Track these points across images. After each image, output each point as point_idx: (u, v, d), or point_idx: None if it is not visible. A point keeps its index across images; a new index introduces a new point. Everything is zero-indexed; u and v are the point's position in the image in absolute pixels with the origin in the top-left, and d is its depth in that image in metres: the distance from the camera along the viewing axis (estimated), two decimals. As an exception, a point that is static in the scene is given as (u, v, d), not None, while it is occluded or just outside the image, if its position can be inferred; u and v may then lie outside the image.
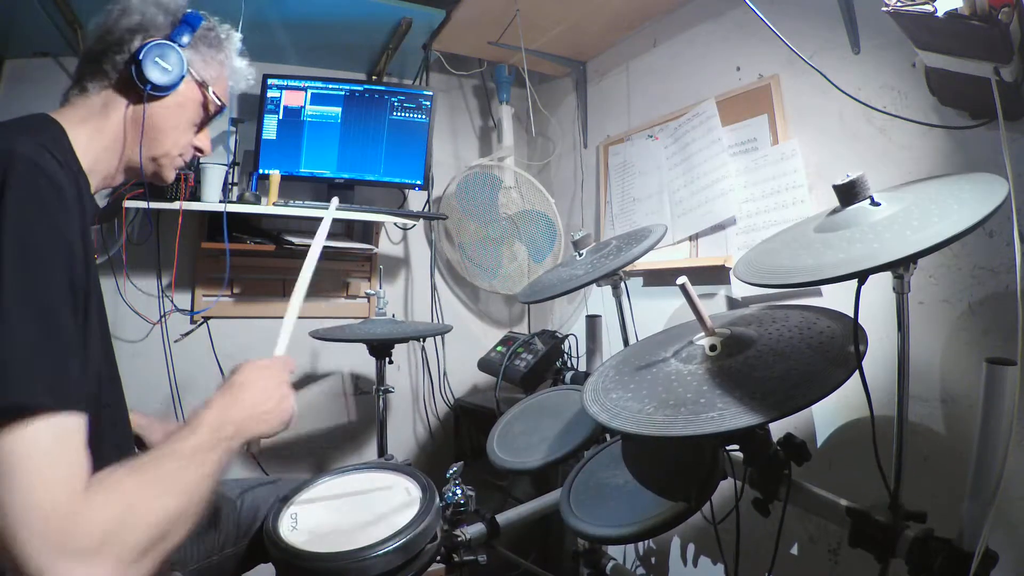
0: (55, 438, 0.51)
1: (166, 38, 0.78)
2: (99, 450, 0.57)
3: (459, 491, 1.07)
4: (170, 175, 0.85)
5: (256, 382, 0.74)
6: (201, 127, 0.87)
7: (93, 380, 0.60)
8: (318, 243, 0.90)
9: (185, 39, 0.80)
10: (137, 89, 0.76)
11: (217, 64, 0.86)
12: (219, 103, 0.85)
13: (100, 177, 0.77)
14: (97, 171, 0.76)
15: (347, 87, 1.93)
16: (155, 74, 0.75)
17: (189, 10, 0.82)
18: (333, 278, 2.11)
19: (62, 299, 0.56)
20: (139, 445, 0.97)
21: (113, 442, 0.70)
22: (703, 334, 0.84)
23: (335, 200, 1.05)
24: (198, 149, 0.88)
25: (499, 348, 1.79)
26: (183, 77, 0.79)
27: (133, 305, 1.78)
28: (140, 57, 0.75)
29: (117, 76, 0.77)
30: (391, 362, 1.64)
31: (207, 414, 0.67)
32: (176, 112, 0.81)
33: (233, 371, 0.75)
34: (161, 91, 0.78)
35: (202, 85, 0.83)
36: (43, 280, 0.55)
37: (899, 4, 0.86)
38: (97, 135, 0.75)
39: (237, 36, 0.90)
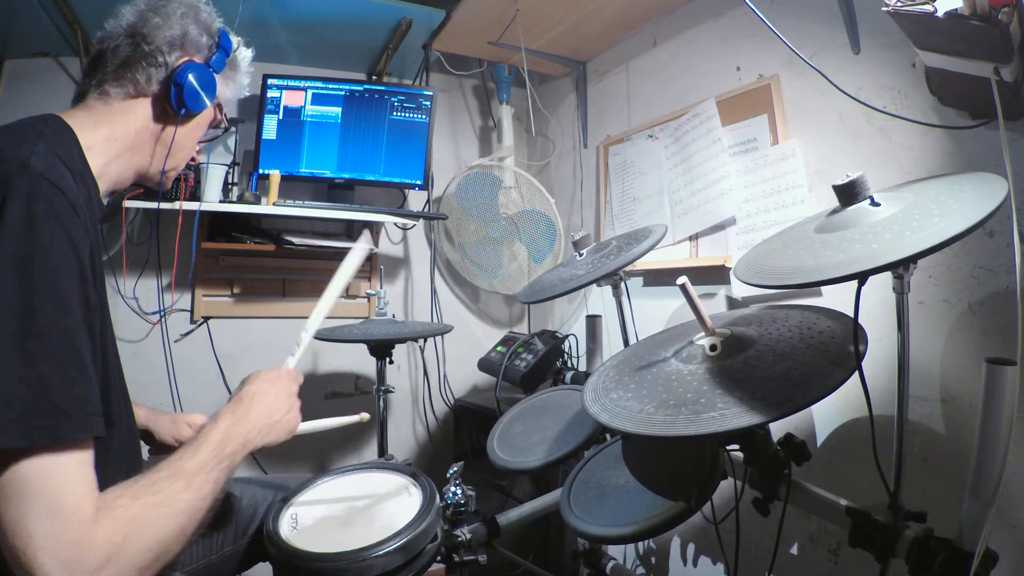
0: (72, 467, 0.55)
1: (205, 62, 0.78)
2: (104, 467, 0.59)
3: (459, 491, 1.07)
4: (170, 183, 0.91)
5: (267, 394, 0.76)
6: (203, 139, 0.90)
7: (103, 397, 0.61)
8: (345, 274, 0.91)
9: (220, 66, 0.80)
10: (167, 107, 0.76)
11: (234, 85, 0.87)
12: (227, 124, 0.89)
13: (110, 182, 0.75)
14: (107, 176, 0.74)
15: (347, 87, 1.93)
16: (193, 101, 0.76)
17: (220, 26, 0.82)
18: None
19: (80, 319, 0.57)
20: (146, 439, 0.97)
21: (120, 458, 0.72)
22: (703, 334, 0.84)
23: (366, 234, 0.99)
24: (191, 159, 0.89)
25: (499, 348, 1.78)
26: (212, 102, 0.81)
27: (133, 305, 1.79)
28: (182, 80, 0.74)
29: (149, 90, 0.75)
30: (391, 362, 1.64)
31: (213, 431, 0.68)
32: (195, 131, 0.83)
33: (244, 381, 0.78)
34: (191, 116, 0.80)
35: (218, 106, 0.85)
36: (64, 301, 0.56)
37: (899, 4, 0.85)
38: (112, 142, 0.73)
39: (248, 54, 0.90)
